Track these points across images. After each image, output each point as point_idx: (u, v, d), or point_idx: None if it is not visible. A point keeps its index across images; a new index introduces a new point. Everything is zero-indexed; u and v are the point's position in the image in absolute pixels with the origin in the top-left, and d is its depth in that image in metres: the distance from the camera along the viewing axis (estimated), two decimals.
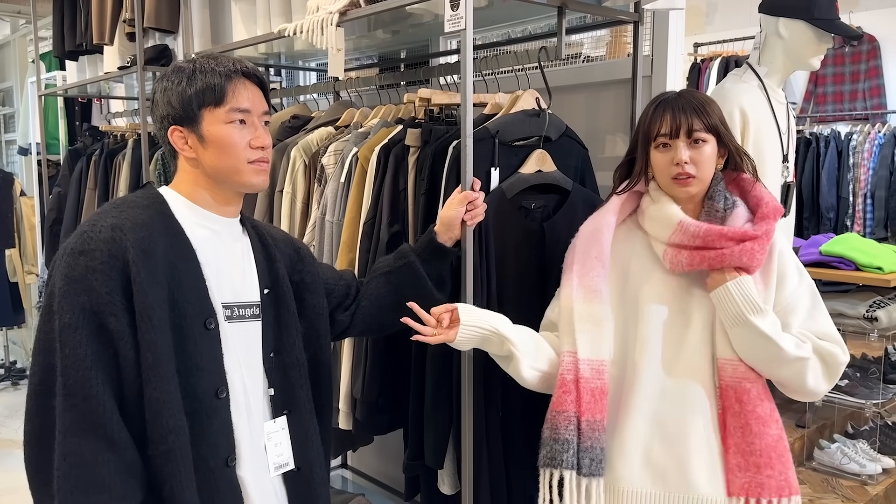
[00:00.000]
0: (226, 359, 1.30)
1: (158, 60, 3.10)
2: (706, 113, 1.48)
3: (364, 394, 1.99)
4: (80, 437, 1.15)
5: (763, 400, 1.47)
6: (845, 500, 2.95)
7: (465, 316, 1.52)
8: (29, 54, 6.09)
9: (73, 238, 1.22)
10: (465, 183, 1.68)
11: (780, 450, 1.46)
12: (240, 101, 1.32)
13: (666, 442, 1.49)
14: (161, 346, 1.20)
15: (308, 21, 2.09)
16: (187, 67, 1.33)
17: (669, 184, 1.50)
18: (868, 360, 3.58)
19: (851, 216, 4.95)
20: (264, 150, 1.35)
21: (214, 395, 1.27)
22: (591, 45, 3.23)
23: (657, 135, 1.49)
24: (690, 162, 1.46)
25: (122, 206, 1.28)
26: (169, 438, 1.20)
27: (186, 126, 1.32)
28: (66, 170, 4.02)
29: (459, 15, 1.62)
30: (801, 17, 2.05)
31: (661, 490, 1.49)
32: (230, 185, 1.35)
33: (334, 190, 2.14)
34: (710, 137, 1.48)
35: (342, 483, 3.09)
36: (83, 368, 1.15)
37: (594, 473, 1.49)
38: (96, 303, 1.17)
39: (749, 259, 1.44)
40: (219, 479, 1.27)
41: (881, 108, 5.26)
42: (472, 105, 1.67)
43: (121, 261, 1.19)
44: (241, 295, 1.36)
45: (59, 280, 1.19)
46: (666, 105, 1.50)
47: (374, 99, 2.56)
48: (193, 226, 1.32)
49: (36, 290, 5.28)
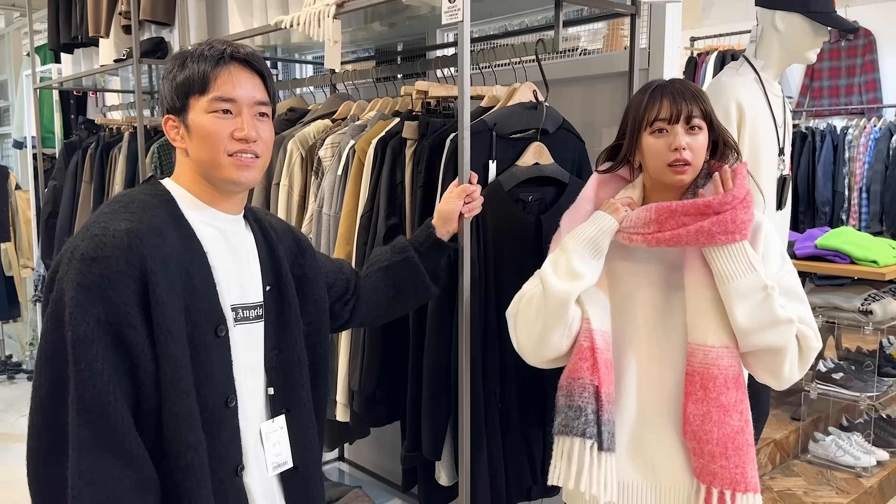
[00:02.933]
0: (234, 365, 1.25)
1: (154, 53, 3.09)
2: (702, 100, 1.48)
3: (361, 386, 1.99)
4: (96, 455, 1.09)
5: (730, 389, 1.43)
6: (840, 492, 2.97)
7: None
8: (24, 47, 6.07)
9: (84, 241, 1.14)
10: (462, 176, 1.68)
11: (739, 442, 1.43)
12: (225, 89, 1.23)
13: (649, 431, 1.50)
14: (181, 359, 1.15)
15: (305, 13, 2.08)
16: (184, 54, 1.26)
17: (663, 170, 1.48)
18: (863, 353, 3.60)
19: (847, 210, 4.97)
20: (248, 142, 1.24)
21: (224, 405, 1.22)
22: (588, 39, 3.23)
23: (655, 119, 1.46)
24: (687, 148, 1.45)
25: (132, 205, 1.21)
26: (188, 453, 1.16)
27: (177, 116, 1.26)
28: (61, 163, 4.00)
29: (456, 7, 1.62)
30: (798, 11, 2.06)
31: (650, 480, 1.51)
32: (214, 180, 1.26)
33: (331, 183, 2.14)
34: (705, 125, 1.48)
35: (339, 476, 3.10)
36: (100, 383, 1.09)
37: (611, 448, 1.48)
38: (112, 314, 1.11)
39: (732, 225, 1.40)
40: (228, 489, 1.23)
41: (877, 102, 5.27)
42: (469, 98, 1.67)
43: (137, 269, 1.13)
44: (246, 296, 1.30)
45: (70, 287, 1.11)
46: (664, 90, 1.48)
47: (370, 91, 2.56)
48: (201, 225, 1.26)
49: (31, 284, 5.27)
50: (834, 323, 3.31)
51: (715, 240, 1.41)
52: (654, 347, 1.51)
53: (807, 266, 3.22)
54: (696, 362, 1.44)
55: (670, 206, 1.44)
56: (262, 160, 1.29)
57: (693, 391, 1.44)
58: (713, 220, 1.41)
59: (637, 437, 1.52)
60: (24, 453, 1.19)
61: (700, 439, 1.43)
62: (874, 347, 3.52)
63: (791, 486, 3.01)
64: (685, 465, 1.49)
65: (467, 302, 1.70)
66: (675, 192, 1.52)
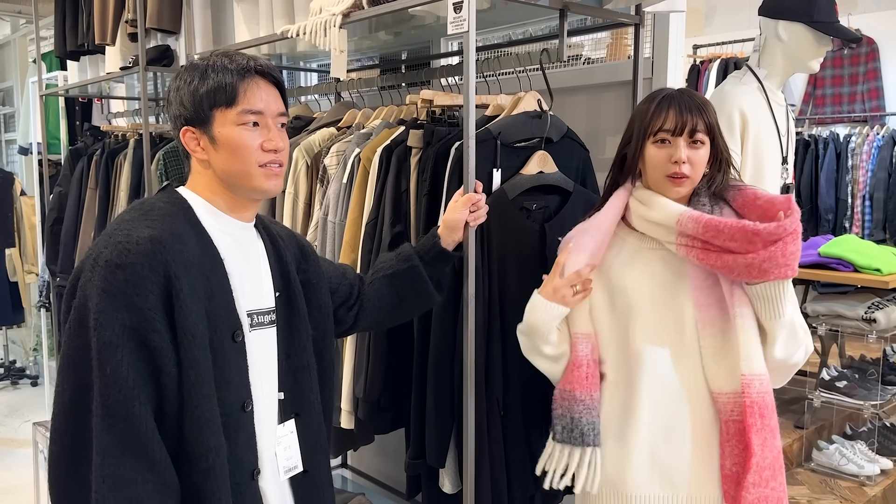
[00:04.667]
0: (250, 370, 1.27)
1: (160, 61, 3.10)
2: (707, 113, 1.48)
3: (366, 393, 2.00)
4: (119, 459, 1.11)
5: (775, 411, 1.46)
6: (843, 500, 2.96)
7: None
8: (30, 54, 6.10)
9: (108, 248, 1.16)
10: (467, 184, 1.69)
11: (782, 462, 1.47)
12: (252, 101, 1.26)
13: (670, 445, 1.50)
14: (203, 363, 1.17)
15: (311, 22, 2.10)
16: (200, 65, 1.27)
17: (662, 181, 1.49)
18: (866, 361, 3.60)
19: (850, 218, 4.97)
20: (277, 152, 1.29)
21: (241, 409, 1.24)
22: (592, 47, 3.24)
23: (660, 129, 1.47)
24: (687, 162, 1.46)
25: (152, 213, 1.23)
26: (210, 456, 1.17)
27: (198, 127, 1.27)
28: (66, 169, 4.03)
29: (462, 17, 1.63)
30: (801, 20, 2.07)
31: (668, 492, 1.50)
32: (241, 189, 1.30)
33: (336, 190, 2.15)
34: (707, 140, 1.48)
35: (342, 483, 3.10)
36: (125, 388, 1.11)
37: (597, 444, 1.54)
38: (137, 319, 1.13)
39: (782, 259, 1.35)
40: (245, 493, 1.25)
41: (880, 110, 5.27)
42: (473, 106, 1.68)
43: (161, 275, 1.15)
44: (260, 302, 1.33)
45: (94, 294, 1.13)
46: (671, 101, 1.48)
47: (375, 100, 2.57)
48: (218, 233, 1.28)
49: (35, 290, 5.28)
50: (837, 331, 3.30)
51: (768, 275, 1.38)
52: (668, 362, 1.51)
53: (810, 274, 3.22)
54: (753, 392, 1.43)
55: (718, 223, 1.41)
56: (284, 168, 1.33)
57: (754, 422, 1.42)
58: (765, 257, 1.36)
59: (657, 455, 1.51)
60: (29, 459, 1.21)
61: (760, 466, 1.42)
62: (878, 356, 3.51)
63: (795, 495, 3.00)
64: (706, 480, 1.49)
65: (471, 309, 1.71)
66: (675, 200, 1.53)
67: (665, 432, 1.50)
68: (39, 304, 4.83)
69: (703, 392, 1.49)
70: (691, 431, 1.49)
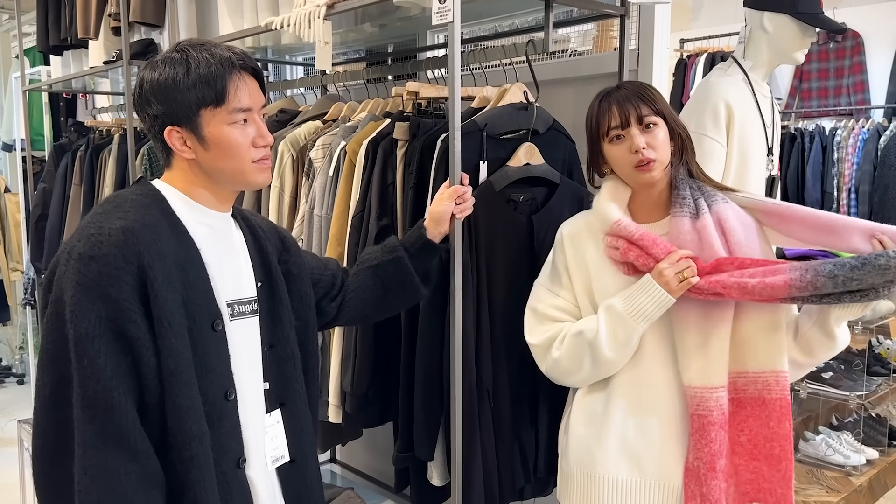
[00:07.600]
0: (232, 359, 1.27)
1: (144, 55, 3.07)
2: (650, 98, 1.50)
3: (354, 387, 1.99)
4: (101, 450, 1.11)
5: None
6: (830, 491, 2.98)
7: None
8: (13, 49, 6.04)
9: (80, 241, 1.16)
10: (454, 176, 1.68)
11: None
12: (242, 99, 1.25)
13: (641, 432, 1.52)
14: (182, 351, 1.17)
15: (295, 14, 2.08)
16: (179, 59, 1.23)
17: (632, 173, 1.51)
18: (852, 352, 3.61)
19: (836, 210, 4.99)
20: (268, 147, 1.31)
21: (224, 398, 1.25)
22: (578, 40, 3.24)
23: (609, 128, 1.50)
24: (648, 146, 1.48)
25: (125, 205, 1.22)
26: (192, 445, 1.17)
27: (185, 126, 1.25)
28: (51, 166, 3.99)
29: (447, 7, 1.62)
30: (786, 11, 2.07)
31: (636, 477, 1.52)
32: (232, 184, 1.31)
33: (322, 184, 2.14)
34: (660, 120, 1.50)
35: (331, 477, 3.09)
36: (104, 379, 1.11)
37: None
38: (113, 310, 1.13)
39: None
40: (231, 481, 1.25)
41: (865, 103, 5.30)
42: (459, 98, 1.67)
43: (135, 265, 1.15)
44: (240, 291, 1.33)
45: (69, 287, 1.13)
46: (610, 98, 1.51)
47: (361, 93, 2.55)
48: (193, 223, 1.27)
49: (21, 288, 5.24)
50: None
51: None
52: (643, 354, 1.53)
53: None
54: (778, 389, 1.44)
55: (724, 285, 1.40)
56: (270, 159, 1.35)
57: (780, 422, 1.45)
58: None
59: (627, 439, 1.53)
60: (14, 457, 1.20)
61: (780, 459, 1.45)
62: (863, 347, 3.53)
63: None
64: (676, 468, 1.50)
65: (459, 302, 1.71)
66: (655, 189, 1.54)
67: (637, 419, 1.52)
68: (25, 301, 4.79)
69: (677, 384, 1.50)
70: (663, 420, 1.50)
